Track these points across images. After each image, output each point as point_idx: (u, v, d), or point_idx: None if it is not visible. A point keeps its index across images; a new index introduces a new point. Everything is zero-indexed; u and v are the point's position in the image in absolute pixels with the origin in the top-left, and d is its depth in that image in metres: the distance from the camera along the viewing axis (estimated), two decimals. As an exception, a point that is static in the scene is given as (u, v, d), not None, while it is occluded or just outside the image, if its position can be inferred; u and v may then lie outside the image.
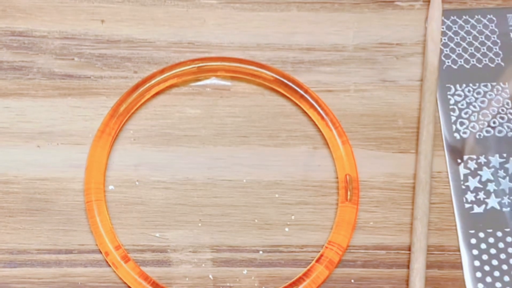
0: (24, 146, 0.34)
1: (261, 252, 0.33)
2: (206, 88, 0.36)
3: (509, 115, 0.36)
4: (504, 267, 0.33)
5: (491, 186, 0.35)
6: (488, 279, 0.33)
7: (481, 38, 0.38)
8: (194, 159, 0.34)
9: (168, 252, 0.33)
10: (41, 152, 0.34)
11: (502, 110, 0.36)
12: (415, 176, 0.34)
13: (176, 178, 0.34)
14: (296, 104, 0.35)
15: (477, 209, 0.34)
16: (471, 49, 0.38)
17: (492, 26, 0.38)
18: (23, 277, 0.32)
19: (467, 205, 0.34)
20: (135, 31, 0.37)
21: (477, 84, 0.37)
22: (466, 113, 0.36)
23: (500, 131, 0.36)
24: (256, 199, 0.34)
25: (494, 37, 0.38)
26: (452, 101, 0.36)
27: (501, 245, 0.33)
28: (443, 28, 0.38)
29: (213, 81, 0.36)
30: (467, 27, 0.38)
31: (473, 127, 0.36)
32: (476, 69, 0.37)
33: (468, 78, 0.37)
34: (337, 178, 0.34)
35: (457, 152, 0.35)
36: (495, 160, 0.35)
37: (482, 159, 0.35)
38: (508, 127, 0.36)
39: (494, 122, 0.36)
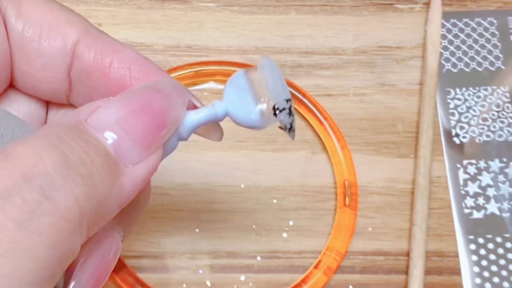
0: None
1: (258, 258, 0.33)
2: (204, 93, 0.36)
3: (509, 119, 0.36)
4: (504, 273, 0.33)
5: (490, 191, 0.34)
6: (488, 285, 0.32)
7: (482, 41, 0.38)
8: (192, 164, 0.34)
9: (165, 258, 0.32)
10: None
11: (502, 114, 0.36)
12: (414, 181, 0.34)
13: (174, 183, 0.34)
14: (295, 109, 0.35)
15: (477, 215, 0.34)
16: (471, 52, 0.38)
17: (492, 29, 0.38)
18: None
19: (466, 211, 0.34)
20: (132, 34, 0.37)
21: (477, 88, 0.37)
22: (466, 117, 0.36)
23: (500, 136, 0.36)
24: (254, 204, 0.34)
25: (494, 40, 0.38)
26: (451, 105, 0.36)
27: (500, 251, 0.33)
28: (443, 31, 0.38)
29: (211, 85, 0.36)
30: (467, 30, 0.38)
31: (473, 132, 0.36)
32: (476, 72, 0.37)
33: (468, 81, 0.37)
34: (335, 183, 0.34)
35: (456, 157, 0.35)
36: (495, 165, 0.35)
37: (482, 164, 0.35)
38: (508, 131, 0.36)
39: (494, 127, 0.36)
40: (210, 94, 0.36)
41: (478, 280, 0.33)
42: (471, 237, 0.33)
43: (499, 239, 0.33)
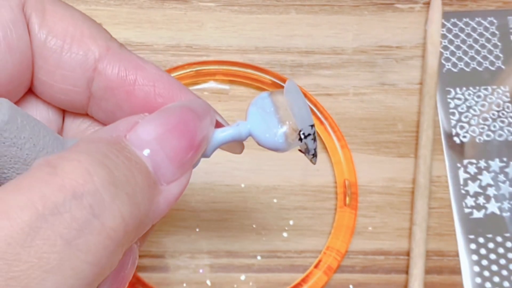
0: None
1: (259, 257, 0.33)
2: (204, 92, 0.36)
3: (509, 118, 0.36)
4: (504, 272, 0.33)
5: (491, 191, 0.34)
6: (488, 285, 0.32)
7: (482, 40, 0.38)
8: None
9: (166, 258, 0.32)
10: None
11: (503, 113, 0.36)
12: (415, 180, 0.34)
13: (174, 183, 0.34)
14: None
15: (477, 214, 0.34)
16: (471, 52, 0.38)
17: (492, 29, 0.38)
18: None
19: (466, 210, 0.34)
20: (132, 34, 0.37)
21: (477, 88, 0.37)
22: (466, 117, 0.36)
23: (500, 135, 0.36)
24: (254, 204, 0.34)
25: (494, 40, 0.38)
26: (452, 105, 0.36)
27: (501, 250, 0.33)
28: (443, 30, 0.38)
29: (211, 85, 0.36)
30: (468, 29, 0.38)
31: (473, 131, 0.36)
32: (476, 72, 0.37)
33: (468, 81, 0.37)
34: (335, 182, 0.34)
35: (456, 156, 0.35)
36: (495, 164, 0.35)
37: (482, 164, 0.35)
38: (508, 131, 0.36)
39: (494, 126, 0.36)
40: (210, 94, 0.36)
41: (478, 280, 0.33)
42: (472, 236, 0.33)
43: (499, 239, 0.33)
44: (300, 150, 0.20)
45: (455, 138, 0.35)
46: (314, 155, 0.20)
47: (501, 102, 0.36)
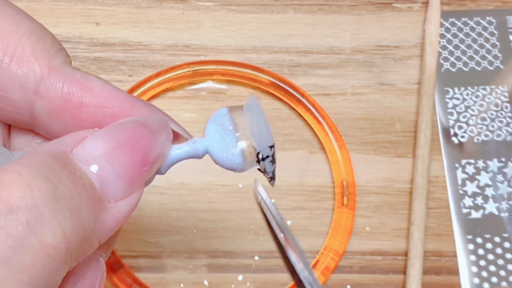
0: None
1: (256, 257, 0.33)
2: (202, 92, 0.36)
3: (507, 118, 0.36)
4: (502, 273, 0.33)
5: (489, 191, 0.34)
6: (486, 285, 0.32)
7: (480, 40, 0.38)
8: (190, 163, 0.34)
9: (163, 258, 0.32)
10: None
11: (501, 113, 0.36)
12: (412, 181, 0.34)
13: (171, 183, 0.34)
14: (293, 108, 0.35)
15: (475, 214, 0.34)
16: (470, 52, 0.37)
17: (491, 28, 0.38)
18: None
19: (464, 210, 0.34)
20: (130, 34, 0.37)
21: (476, 87, 0.37)
22: (464, 117, 0.36)
23: (498, 135, 0.35)
24: (252, 204, 0.33)
25: (493, 40, 0.38)
26: (450, 105, 0.36)
27: (498, 250, 0.33)
28: (441, 30, 0.38)
29: (208, 84, 0.36)
30: (466, 29, 0.38)
31: (471, 131, 0.36)
32: (474, 72, 0.37)
33: (467, 81, 0.37)
34: (333, 183, 0.34)
35: (455, 156, 0.35)
36: (494, 164, 0.35)
37: (480, 164, 0.35)
38: (506, 131, 0.35)
39: (492, 126, 0.36)
40: (208, 94, 0.36)
41: (476, 280, 0.33)
42: (470, 236, 0.33)
43: (497, 239, 0.33)
44: (259, 170, 0.20)
45: (453, 138, 0.35)
46: (272, 178, 0.20)
47: (499, 102, 0.36)
